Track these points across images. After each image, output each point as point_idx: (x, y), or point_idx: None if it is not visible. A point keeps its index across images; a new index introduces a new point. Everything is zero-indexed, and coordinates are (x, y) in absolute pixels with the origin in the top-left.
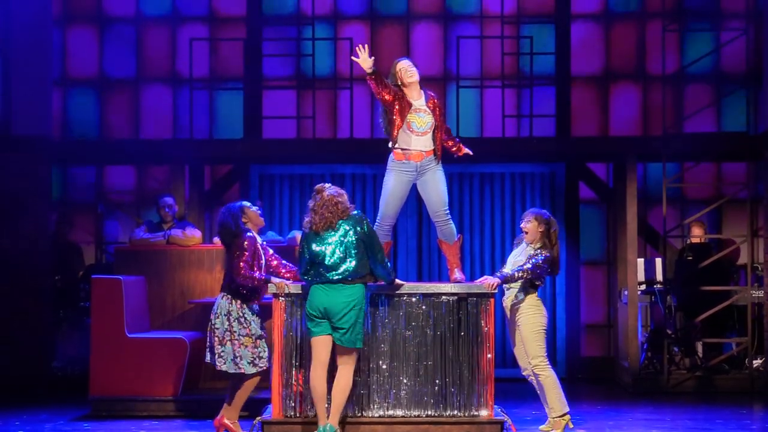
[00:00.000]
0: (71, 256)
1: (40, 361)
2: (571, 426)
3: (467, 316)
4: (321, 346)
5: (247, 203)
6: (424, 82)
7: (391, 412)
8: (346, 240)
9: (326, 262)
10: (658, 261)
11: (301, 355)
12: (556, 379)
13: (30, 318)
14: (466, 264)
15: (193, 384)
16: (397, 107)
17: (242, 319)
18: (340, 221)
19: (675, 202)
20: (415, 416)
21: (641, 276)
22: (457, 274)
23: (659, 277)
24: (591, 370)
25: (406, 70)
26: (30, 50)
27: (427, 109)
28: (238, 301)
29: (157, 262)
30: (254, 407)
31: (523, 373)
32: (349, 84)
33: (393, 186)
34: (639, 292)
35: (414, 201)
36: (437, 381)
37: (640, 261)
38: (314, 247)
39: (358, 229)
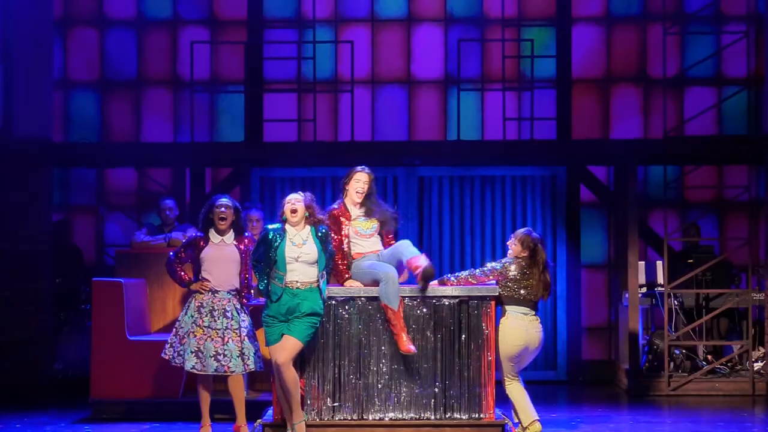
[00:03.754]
0: (72, 259)
1: (41, 364)
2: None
3: (468, 318)
4: None
5: (220, 201)
6: (425, 86)
7: (391, 415)
8: None
9: None
10: (659, 264)
11: (302, 358)
12: (519, 393)
13: (31, 320)
14: (467, 266)
15: (194, 387)
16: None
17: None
18: None
19: (676, 205)
20: (415, 419)
21: (642, 279)
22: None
23: (660, 279)
24: (592, 372)
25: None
26: (31, 52)
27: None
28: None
29: (158, 264)
30: (254, 410)
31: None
32: (350, 87)
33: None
34: (640, 295)
35: (415, 204)
36: (438, 384)
37: (641, 264)
38: None
39: None
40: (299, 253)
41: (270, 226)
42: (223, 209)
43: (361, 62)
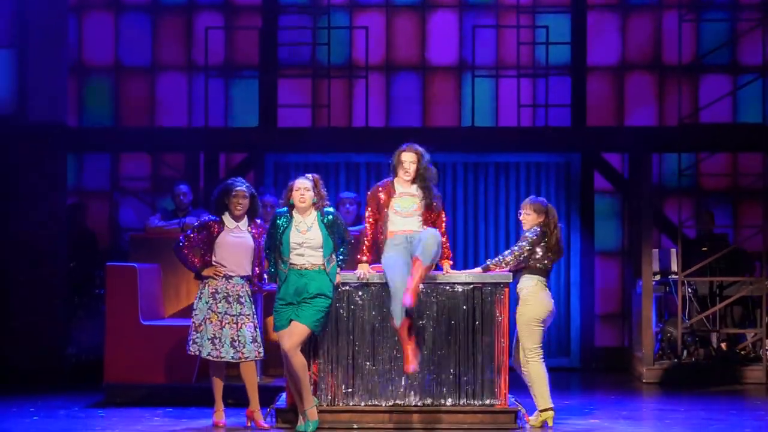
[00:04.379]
0: (86, 244)
1: (55, 348)
2: (551, 424)
3: (481, 305)
4: None
5: (238, 188)
6: (440, 72)
7: (404, 401)
8: None
9: None
10: (673, 251)
11: (316, 344)
12: (542, 373)
13: (45, 305)
14: (480, 253)
15: (207, 372)
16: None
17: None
18: None
19: (690, 192)
20: (428, 405)
21: (656, 266)
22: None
23: (674, 267)
24: (605, 360)
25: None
26: (46, 37)
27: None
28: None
29: (172, 250)
30: (268, 395)
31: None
32: (365, 73)
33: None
34: (654, 283)
35: None
36: (451, 370)
37: (655, 251)
38: None
39: None
40: (303, 239)
41: (279, 211)
42: (241, 199)
43: (375, 48)
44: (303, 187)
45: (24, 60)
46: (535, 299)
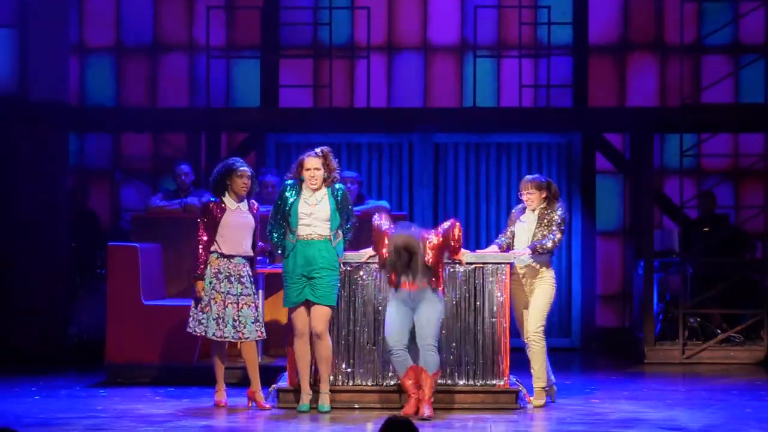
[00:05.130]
0: (87, 223)
1: (57, 328)
2: (554, 400)
3: (483, 285)
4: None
5: (242, 168)
6: (441, 52)
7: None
8: None
9: None
10: (675, 232)
11: None
12: (546, 351)
13: (46, 285)
14: (482, 233)
15: (208, 351)
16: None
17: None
18: None
19: (692, 173)
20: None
21: (657, 247)
22: (427, 409)
23: (675, 247)
24: (606, 340)
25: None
26: (47, 16)
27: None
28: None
29: (173, 230)
30: (268, 375)
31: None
32: (366, 53)
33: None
34: (655, 263)
35: (430, 171)
36: (452, 350)
37: (657, 232)
38: None
39: None
40: (312, 210)
41: (287, 183)
42: (246, 179)
43: (377, 28)
44: (313, 167)
45: (25, 39)
46: (552, 279)
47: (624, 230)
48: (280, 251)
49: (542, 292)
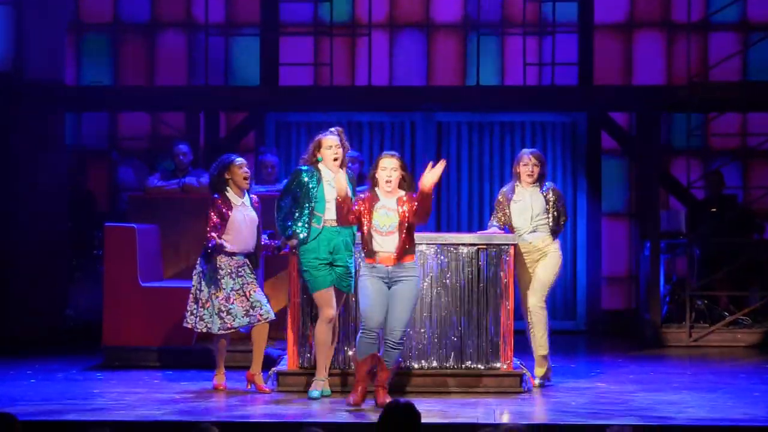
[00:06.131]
0: (84, 204)
1: (53, 310)
2: (549, 379)
3: (486, 266)
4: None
5: (239, 160)
6: (444, 30)
7: (408, 365)
8: None
9: None
10: (681, 212)
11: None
12: (547, 325)
13: (43, 266)
14: (485, 213)
15: (207, 334)
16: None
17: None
18: None
19: (699, 152)
20: (432, 368)
21: (664, 227)
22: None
23: (682, 228)
24: (612, 323)
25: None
26: None
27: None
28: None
29: (172, 210)
30: (269, 358)
31: (528, 320)
32: (368, 30)
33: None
34: (661, 244)
35: (433, 151)
36: (456, 333)
37: (663, 212)
38: None
39: None
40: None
41: (301, 168)
42: (245, 168)
43: (378, 5)
44: (335, 145)
45: (21, 16)
46: (558, 251)
47: (630, 211)
48: (302, 237)
49: (549, 263)
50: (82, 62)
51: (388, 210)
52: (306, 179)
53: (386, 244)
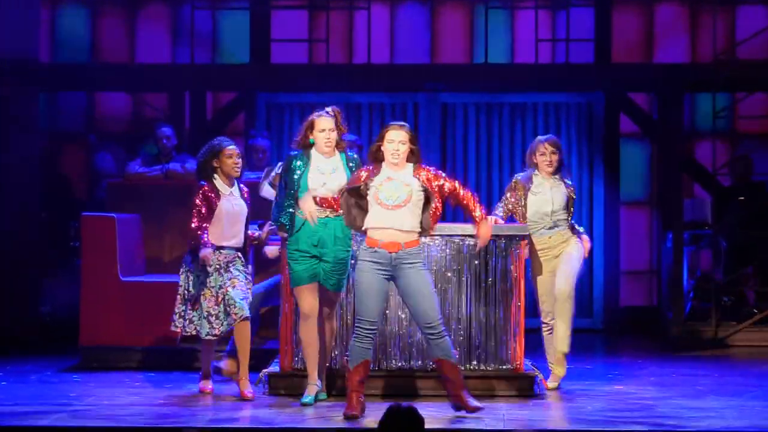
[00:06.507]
0: (59, 191)
1: (26, 307)
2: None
3: (495, 260)
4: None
5: (230, 147)
6: (450, 3)
7: (410, 365)
8: None
9: None
10: (707, 201)
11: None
12: None
13: (15, 259)
14: (494, 202)
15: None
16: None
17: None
18: None
19: (725, 136)
20: (435, 370)
21: (688, 217)
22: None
23: (707, 218)
24: (631, 321)
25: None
26: None
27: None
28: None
29: (154, 198)
30: (259, 359)
31: (545, 320)
32: (367, 4)
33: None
34: (685, 236)
35: (437, 134)
36: (461, 332)
37: (687, 201)
38: None
39: None
40: (325, 181)
41: (292, 153)
42: (237, 157)
43: None
44: (328, 128)
45: None
46: (581, 253)
47: (651, 200)
48: (286, 228)
49: (573, 252)
50: (58, 38)
51: (397, 181)
52: (293, 165)
53: (390, 219)
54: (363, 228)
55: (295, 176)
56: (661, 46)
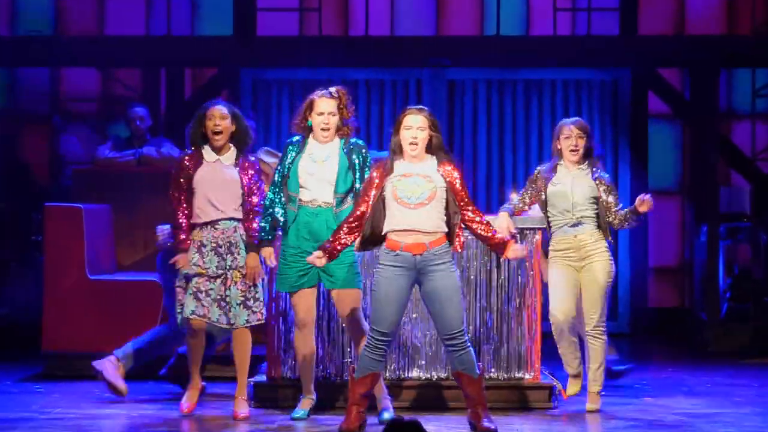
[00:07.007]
0: (19, 179)
1: None
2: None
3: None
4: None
5: (215, 108)
6: None
7: (414, 374)
8: None
9: None
10: (745, 190)
11: (318, 313)
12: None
13: None
14: (507, 188)
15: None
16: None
17: None
18: None
19: (766, 117)
20: (442, 379)
21: (724, 208)
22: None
23: (746, 209)
24: (660, 323)
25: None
26: None
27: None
28: None
29: (126, 187)
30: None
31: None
32: None
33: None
34: (721, 229)
35: (443, 113)
36: (471, 337)
37: (723, 190)
38: None
39: None
40: (315, 170)
41: (291, 139)
42: (218, 120)
43: None
44: (327, 111)
45: None
46: (607, 250)
47: (682, 188)
48: (281, 222)
49: (599, 269)
50: (18, 8)
51: (417, 176)
52: (288, 152)
53: (413, 219)
54: (383, 233)
55: (287, 161)
56: (694, 16)
